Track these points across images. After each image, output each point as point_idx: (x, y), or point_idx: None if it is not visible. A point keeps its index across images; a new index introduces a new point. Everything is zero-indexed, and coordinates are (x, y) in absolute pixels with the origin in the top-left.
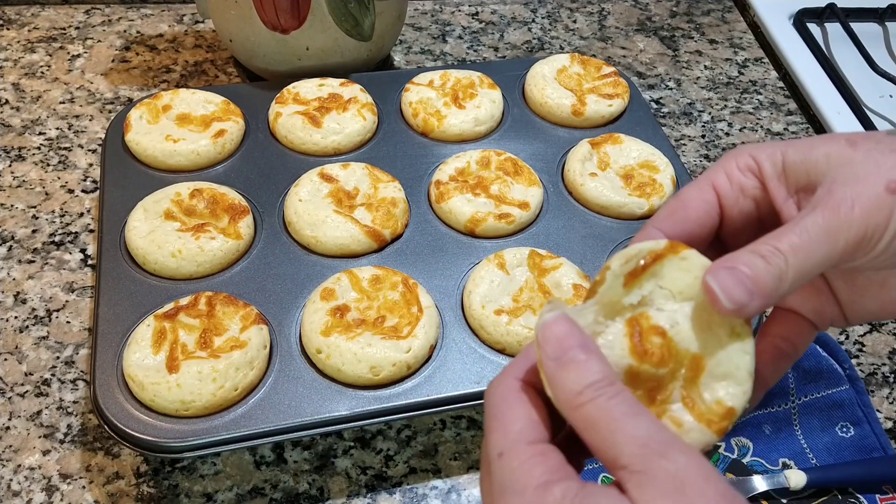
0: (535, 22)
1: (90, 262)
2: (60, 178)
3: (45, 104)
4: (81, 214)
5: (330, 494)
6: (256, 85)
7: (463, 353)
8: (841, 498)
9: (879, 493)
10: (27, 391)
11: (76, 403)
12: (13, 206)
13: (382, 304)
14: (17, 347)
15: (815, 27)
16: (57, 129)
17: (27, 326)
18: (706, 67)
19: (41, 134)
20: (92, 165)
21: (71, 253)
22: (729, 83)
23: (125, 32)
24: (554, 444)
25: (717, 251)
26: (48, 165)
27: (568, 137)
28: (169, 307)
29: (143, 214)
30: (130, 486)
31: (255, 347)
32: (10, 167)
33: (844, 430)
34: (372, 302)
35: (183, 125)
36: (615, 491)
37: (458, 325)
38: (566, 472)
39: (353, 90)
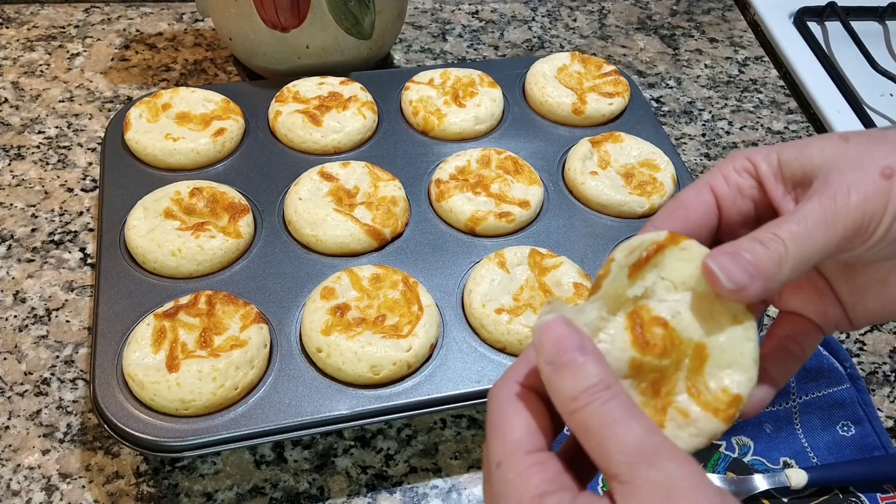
0: (535, 20)
1: (90, 260)
2: (60, 176)
3: (44, 103)
4: (81, 213)
5: (330, 494)
6: (256, 83)
7: (463, 351)
8: (842, 497)
9: (880, 491)
10: (27, 390)
11: (76, 403)
12: (12, 204)
13: (383, 302)
14: (16, 346)
15: (815, 26)
16: (56, 127)
17: (27, 325)
18: (706, 66)
19: (41, 133)
20: (91, 164)
21: (70, 252)
22: (729, 82)
23: (124, 31)
24: (563, 447)
25: None
26: (47, 164)
27: (568, 136)
28: (169, 306)
29: (142, 213)
30: (130, 485)
31: (255, 346)
32: (9, 166)
33: (845, 428)
34: (372, 301)
35: (182, 124)
36: (607, 501)
37: (458, 323)
38: (562, 482)
39: (353, 89)
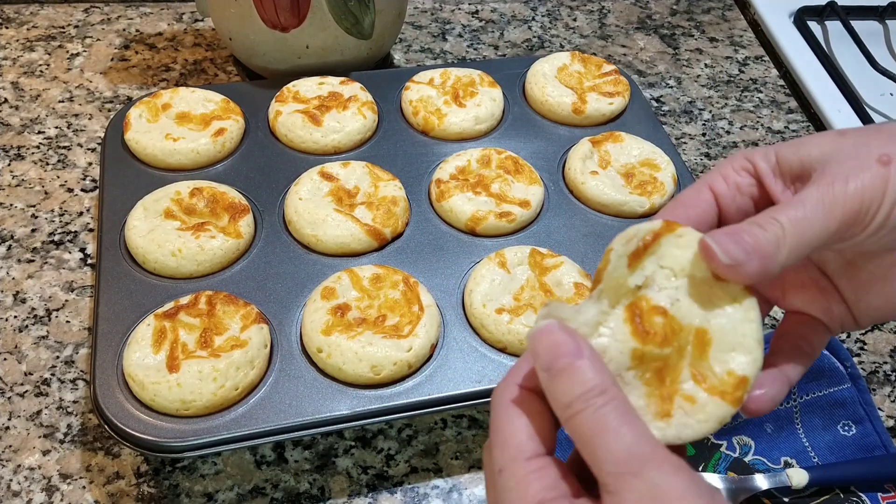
0: (535, 20)
1: (90, 261)
2: (60, 177)
3: (44, 103)
4: (81, 213)
5: (331, 494)
6: (256, 83)
7: (464, 351)
8: (843, 496)
9: (881, 491)
10: (27, 391)
11: (76, 403)
12: (12, 205)
13: (383, 302)
14: (16, 347)
15: (815, 25)
16: (56, 127)
17: (27, 326)
18: (706, 65)
19: (40, 133)
20: (91, 164)
21: (70, 252)
22: (729, 81)
23: (124, 31)
24: (575, 451)
25: None
26: (47, 164)
27: (568, 136)
28: (169, 306)
29: (142, 213)
30: (131, 485)
31: (255, 347)
32: (9, 166)
33: (846, 428)
34: (373, 301)
35: (182, 124)
36: None
37: (459, 323)
38: (560, 489)
39: (353, 88)
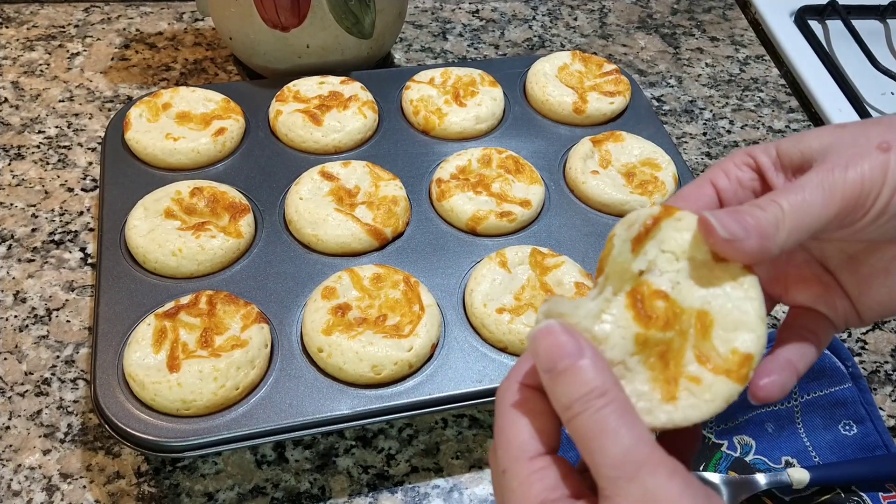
0: (535, 19)
1: (90, 260)
2: (60, 176)
3: (44, 102)
4: (81, 213)
5: (331, 494)
6: (256, 83)
7: (465, 351)
8: (844, 496)
9: (882, 491)
10: (27, 390)
11: (76, 403)
12: (13, 204)
13: (384, 302)
14: (16, 347)
15: (816, 24)
16: (56, 127)
17: (27, 325)
18: (707, 65)
19: (41, 132)
20: (91, 164)
21: (71, 252)
22: (730, 80)
23: (124, 30)
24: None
25: None
26: (48, 164)
27: (569, 135)
28: (169, 306)
29: (143, 213)
30: (131, 485)
31: (256, 346)
32: (9, 166)
33: (847, 428)
34: (373, 300)
35: (183, 123)
36: None
37: (459, 323)
38: (562, 490)
39: (353, 88)
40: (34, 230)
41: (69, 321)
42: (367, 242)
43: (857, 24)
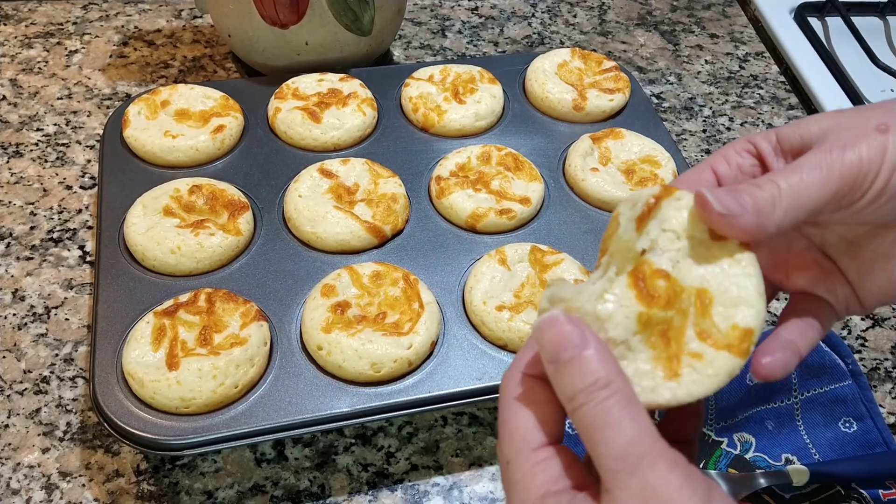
0: (534, 17)
1: (89, 258)
2: (58, 174)
3: (42, 100)
4: (80, 211)
5: (331, 492)
6: (255, 80)
7: (464, 349)
8: (844, 493)
9: (882, 488)
10: (26, 389)
11: (75, 401)
12: (11, 202)
13: (383, 300)
14: (15, 345)
15: (815, 21)
16: (55, 125)
17: (26, 324)
18: (707, 62)
19: (39, 130)
20: (90, 161)
21: (69, 250)
22: (730, 77)
23: (123, 28)
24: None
25: None
26: (46, 162)
27: (569, 132)
28: (168, 304)
29: (141, 211)
30: (130, 483)
31: (255, 344)
32: (7, 163)
33: (847, 425)
34: (373, 298)
35: (181, 121)
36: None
37: (459, 321)
38: (564, 482)
39: (352, 85)
40: (33, 228)
41: (68, 319)
42: (366, 240)
43: (856, 20)
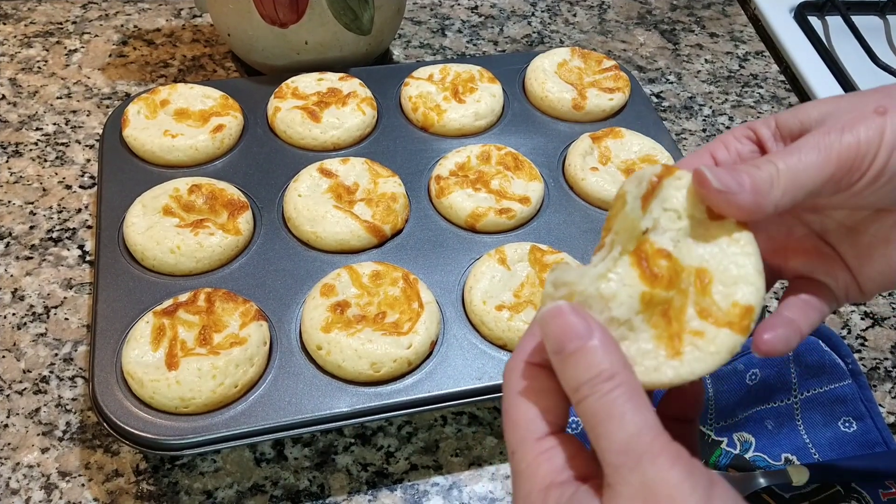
0: (534, 16)
1: (88, 258)
2: (58, 173)
3: (42, 99)
4: (79, 210)
5: (331, 491)
6: (255, 79)
7: (464, 349)
8: (844, 493)
9: (882, 487)
10: (25, 388)
11: (75, 401)
12: (10, 202)
13: (383, 299)
14: (15, 344)
15: (815, 20)
16: (54, 124)
17: (25, 323)
18: (707, 61)
19: (38, 129)
20: (89, 161)
21: (69, 249)
22: (730, 77)
23: (122, 27)
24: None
25: None
26: (45, 161)
27: (568, 132)
28: (168, 304)
29: (141, 210)
30: (130, 483)
31: (254, 344)
32: (7, 163)
33: (847, 424)
34: (372, 298)
35: (181, 120)
36: (597, 500)
37: (459, 320)
38: (568, 473)
39: (352, 84)
40: (32, 228)
41: (67, 319)
42: (365, 239)
43: (856, 20)
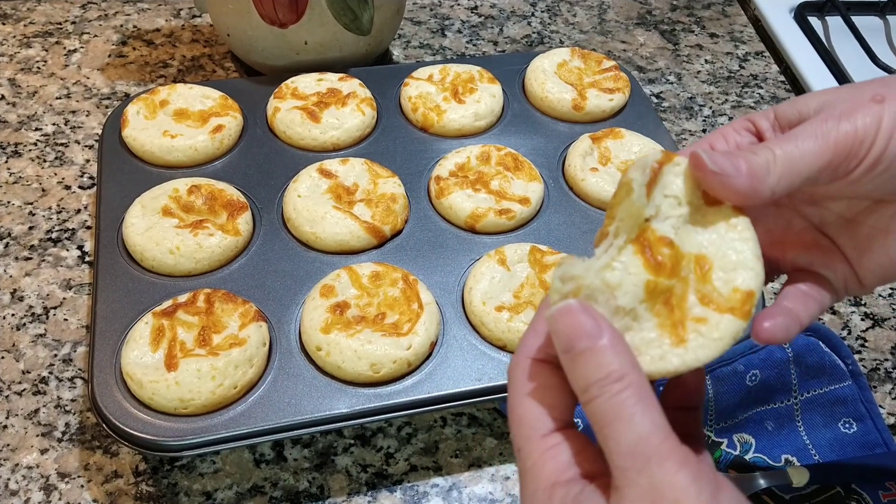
0: (534, 16)
1: (87, 258)
2: (57, 174)
3: (41, 99)
4: (78, 211)
5: (330, 492)
6: (254, 80)
7: (464, 349)
8: (844, 494)
9: (882, 488)
10: (24, 389)
11: (74, 402)
12: (10, 202)
13: (382, 300)
14: (14, 345)
15: (815, 21)
16: (53, 124)
17: (24, 324)
18: (707, 61)
19: (37, 129)
20: (89, 161)
21: (68, 250)
22: (730, 77)
23: (122, 27)
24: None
25: None
26: (45, 161)
27: (568, 132)
28: (167, 304)
29: (140, 211)
30: (129, 484)
31: (254, 345)
32: (6, 163)
33: (847, 425)
34: (372, 298)
35: (180, 120)
36: (604, 500)
37: (458, 321)
38: (573, 471)
39: (351, 85)
40: (31, 228)
41: (66, 320)
42: (365, 240)
43: (856, 20)
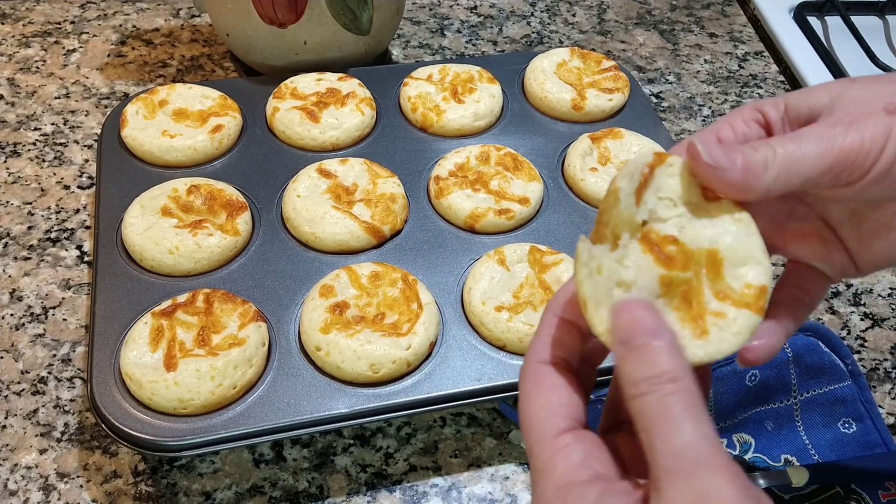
0: (533, 16)
1: (86, 258)
2: (56, 174)
3: (40, 99)
4: (77, 211)
5: (330, 493)
6: (254, 80)
7: (463, 349)
8: (843, 494)
9: (882, 489)
10: (23, 389)
11: (73, 402)
12: (8, 202)
13: (382, 300)
14: (13, 345)
15: (815, 20)
16: (52, 124)
17: (23, 324)
18: (706, 61)
19: (36, 129)
20: (88, 161)
21: (67, 250)
22: (729, 77)
23: (121, 27)
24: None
25: None
26: (44, 161)
27: (568, 132)
28: (166, 304)
29: (139, 211)
30: (128, 484)
31: (253, 345)
32: (5, 163)
33: (847, 425)
34: (371, 299)
35: (180, 120)
36: (637, 496)
37: (458, 321)
38: (587, 471)
39: (351, 85)
40: (30, 228)
41: (65, 320)
42: (365, 240)
43: (856, 20)
